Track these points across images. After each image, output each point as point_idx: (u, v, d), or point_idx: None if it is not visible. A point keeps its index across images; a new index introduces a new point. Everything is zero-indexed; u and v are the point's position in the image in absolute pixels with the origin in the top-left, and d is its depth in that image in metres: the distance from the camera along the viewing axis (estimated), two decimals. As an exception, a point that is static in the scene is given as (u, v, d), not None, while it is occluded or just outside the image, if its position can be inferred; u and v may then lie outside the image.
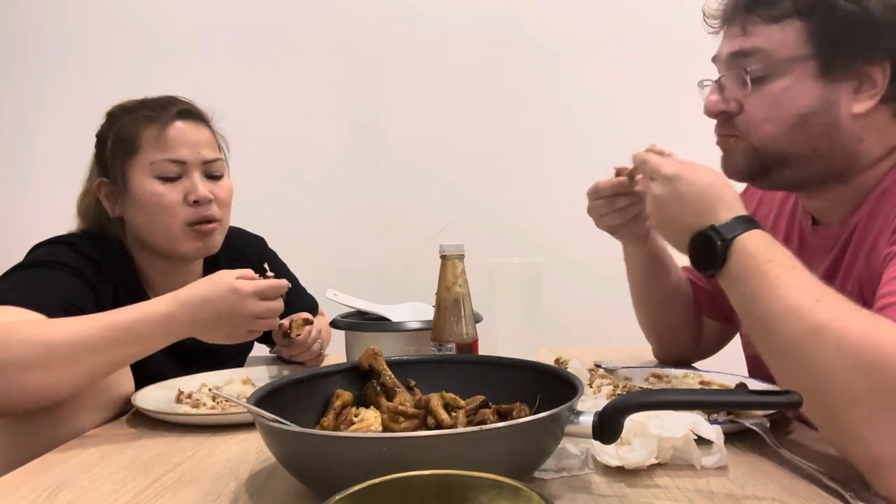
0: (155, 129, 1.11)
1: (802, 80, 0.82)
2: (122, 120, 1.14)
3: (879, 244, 0.78)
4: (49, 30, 2.20)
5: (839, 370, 0.62)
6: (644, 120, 2.08)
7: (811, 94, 0.82)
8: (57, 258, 1.04)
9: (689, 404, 0.68)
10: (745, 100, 0.86)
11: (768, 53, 0.83)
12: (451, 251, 0.94)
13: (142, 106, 1.14)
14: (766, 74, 0.84)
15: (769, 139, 0.85)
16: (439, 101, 2.22)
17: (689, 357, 1.18)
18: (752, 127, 0.86)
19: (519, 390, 0.74)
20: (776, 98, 0.83)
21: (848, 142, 0.82)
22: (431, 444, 0.55)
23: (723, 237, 0.75)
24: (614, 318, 1.37)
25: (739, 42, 0.86)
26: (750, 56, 0.84)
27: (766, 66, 0.83)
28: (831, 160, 0.84)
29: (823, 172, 0.86)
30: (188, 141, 1.12)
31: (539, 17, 2.22)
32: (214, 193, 1.13)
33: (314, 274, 1.47)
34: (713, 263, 0.76)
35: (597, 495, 0.64)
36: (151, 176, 1.10)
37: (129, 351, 0.90)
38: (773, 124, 0.84)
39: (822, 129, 0.82)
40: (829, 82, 0.81)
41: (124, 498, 0.66)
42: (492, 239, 1.79)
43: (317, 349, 1.20)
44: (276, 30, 2.21)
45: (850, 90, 0.81)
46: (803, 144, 0.84)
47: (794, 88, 0.82)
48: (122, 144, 1.12)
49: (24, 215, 2.12)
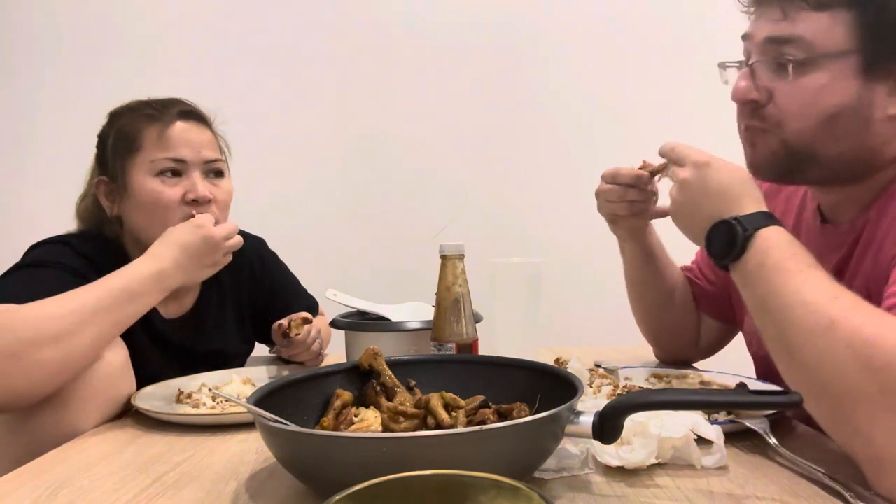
0: (157, 128, 1.11)
1: (842, 77, 0.77)
2: (124, 118, 1.14)
3: (887, 244, 0.78)
4: (47, 29, 2.20)
5: (848, 367, 0.62)
6: (645, 120, 2.08)
7: (848, 92, 0.77)
8: (54, 258, 1.04)
9: (689, 404, 0.68)
10: (776, 89, 0.81)
11: (810, 44, 0.77)
12: (451, 251, 0.94)
13: (144, 105, 1.15)
14: (804, 66, 0.78)
15: (799, 134, 0.81)
16: (439, 101, 2.22)
17: (689, 357, 1.18)
18: (784, 120, 0.81)
19: (519, 390, 0.74)
20: (811, 92, 0.79)
21: (875, 143, 0.80)
22: (431, 444, 0.55)
23: (745, 228, 0.75)
24: (614, 318, 1.37)
25: (780, 27, 0.79)
26: (789, 43, 0.79)
27: (807, 56, 0.78)
28: (855, 160, 0.81)
29: (846, 172, 0.83)
30: (189, 141, 1.12)
31: (539, 18, 2.21)
32: (214, 194, 1.13)
33: (314, 274, 1.47)
34: (731, 253, 0.76)
35: (597, 495, 0.64)
36: (151, 174, 1.10)
37: (130, 310, 0.96)
38: (803, 120, 0.80)
39: (854, 128, 0.79)
40: (868, 81, 0.77)
41: (124, 498, 0.66)
42: (492, 239, 1.79)
43: (316, 349, 1.20)
44: (276, 30, 2.20)
45: (884, 91, 0.78)
46: (831, 143, 0.80)
47: (833, 85, 0.78)
48: (122, 142, 1.12)
49: (24, 215, 2.12)
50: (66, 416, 0.89)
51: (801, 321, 0.67)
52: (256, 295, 1.33)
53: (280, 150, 2.16)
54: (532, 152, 2.23)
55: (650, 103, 2.11)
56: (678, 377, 1.04)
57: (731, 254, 0.76)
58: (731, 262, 0.76)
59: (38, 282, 0.99)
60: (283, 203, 2.14)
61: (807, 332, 0.66)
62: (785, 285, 0.70)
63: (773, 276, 0.71)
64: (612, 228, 1.10)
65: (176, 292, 1.21)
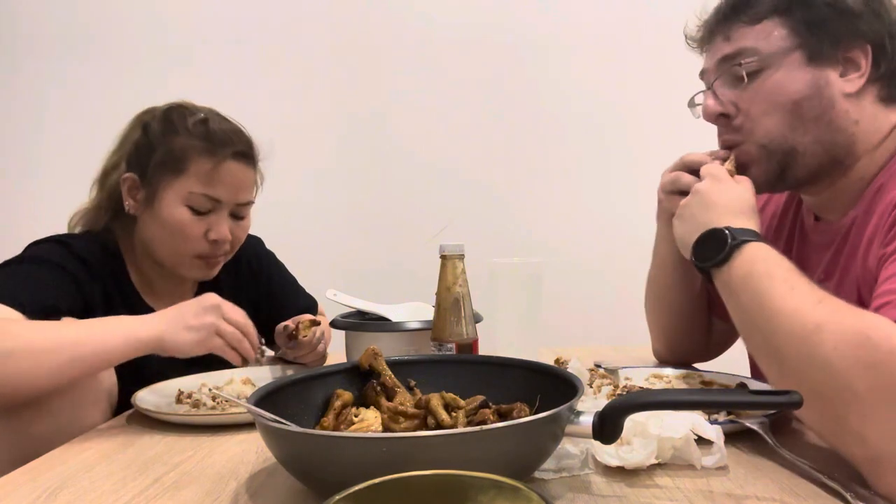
0: (208, 164, 1.10)
1: (792, 70, 0.85)
2: (180, 140, 1.11)
3: (875, 244, 0.79)
4: (52, 30, 2.20)
5: (838, 368, 0.62)
6: (646, 121, 2.09)
7: (802, 80, 0.85)
8: (47, 257, 1.05)
9: (689, 404, 0.68)
10: (739, 99, 0.89)
11: (756, 50, 0.87)
12: (451, 251, 0.94)
13: (203, 131, 1.11)
14: (757, 69, 0.87)
15: (772, 132, 0.87)
16: (440, 100, 2.22)
17: (696, 358, 1.17)
18: (753, 124, 0.88)
19: (519, 390, 0.73)
20: (770, 89, 0.86)
21: (845, 123, 0.85)
22: (431, 444, 0.55)
23: (734, 237, 0.79)
24: (614, 318, 1.38)
25: (727, 47, 0.90)
26: (739, 56, 0.88)
27: (757, 61, 0.87)
28: (833, 145, 0.86)
29: (828, 162, 0.87)
30: (232, 183, 1.12)
31: (541, 18, 2.22)
32: (233, 233, 1.15)
33: (314, 274, 1.47)
34: (716, 258, 0.79)
35: (597, 495, 0.64)
36: (183, 203, 1.10)
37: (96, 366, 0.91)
38: (772, 116, 0.87)
39: (819, 111, 0.85)
40: (817, 67, 0.85)
41: (124, 498, 0.66)
42: (492, 239, 1.79)
43: (322, 350, 1.21)
44: (276, 29, 2.20)
45: (836, 74, 0.85)
46: (804, 131, 0.86)
47: (786, 77, 0.86)
48: (169, 162, 1.10)
49: (25, 216, 2.12)
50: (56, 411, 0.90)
51: (787, 327, 0.68)
52: (253, 294, 1.34)
53: (280, 150, 2.15)
54: (533, 152, 2.23)
55: (653, 103, 2.11)
56: (678, 377, 1.04)
57: (716, 258, 0.79)
58: (713, 267, 0.80)
59: (27, 279, 1.00)
60: (283, 203, 2.13)
61: (793, 337, 0.67)
62: (770, 294, 0.71)
63: (759, 284, 0.73)
64: (659, 226, 1.07)
65: (174, 294, 1.21)
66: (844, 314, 0.65)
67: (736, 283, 0.77)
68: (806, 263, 0.96)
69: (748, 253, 0.77)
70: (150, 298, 1.18)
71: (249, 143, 1.17)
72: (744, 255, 0.77)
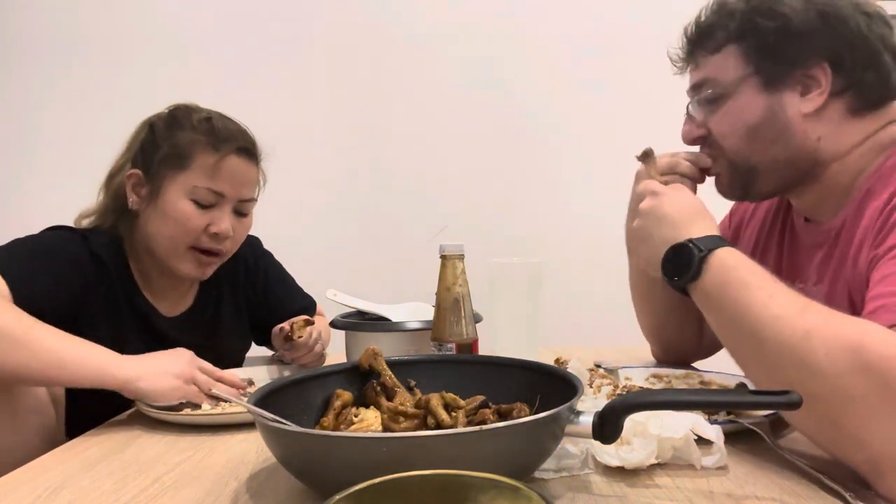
0: (211, 158, 1.10)
1: (749, 95, 0.89)
2: (185, 133, 1.12)
3: (865, 247, 0.79)
4: (52, 30, 2.20)
5: (832, 374, 0.62)
6: (647, 121, 2.08)
7: (757, 106, 0.89)
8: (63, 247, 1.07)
9: (689, 404, 0.68)
10: (710, 123, 0.94)
11: (716, 80, 0.92)
12: (451, 251, 0.94)
13: (208, 128, 1.13)
14: (718, 97, 0.92)
15: (735, 152, 0.92)
16: (439, 101, 2.22)
17: (690, 357, 1.18)
18: (721, 144, 0.93)
19: (519, 390, 0.74)
20: (732, 116, 0.91)
21: (803, 142, 0.87)
22: (431, 444, 0.55)
23: (700, 248, 0.78)
24: (614, 318, 1.37)
25: (696, 75, 0.96)
26: (704, 85, 0.94)
27: (717, 90, 0.92)
28: (795, 161, 0.89)
29: (793, 175, 0.91)
30: (235, 178, 1.13)
31: (539, 20, 2.22)
32: (234, 230, 1.15)
33: (314, 274, 1.47)
34: (687, 273, 0.78)
35: (597, 495, 0.64)
36: (187, 197, 1.10)
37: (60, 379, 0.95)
38: (732, 139, 0.92)
39: (775, 133, 0.88)
40: (774, 92, 0.88)
41: (124, 498, 0.66)
42: (492, 239, 1.79)
43: (319, 350, 1.20)
44: (276, 29, 2.21)
45: (796, 95, 0.87)
46: (763, 153, 0.90)
47: (743, 105, 0.90)
48: (174, 157, 1.11)
49: (25, 215, 2.12)
50: None
51: (775, 336, 0.67)
52: (252, 293, 1.34)
53: (280, 150, 2.15)
54: (533, 153, 2.23)
55: (655, 104, 2.10)
56: (678, 377, 1.04)
57: (687, 274, 0.78)
58: (688, 283, 0.79)
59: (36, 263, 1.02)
60: (284, 203, 2.13)
61: (783, 346, 0.66)
62: (751, 303, 0.71)
63: (737, 294, 0.73)
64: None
65: (175, 292, 1.21)
66: (834, 321, 0.65)
67: (713, 294, 0.76)
68: (797, 264, 0.96)
69: (717, 262, 0.76)
70: (151, 296, 1.18)
71: (253, 141, 1.18)
72: (714, 266, 0.76)
